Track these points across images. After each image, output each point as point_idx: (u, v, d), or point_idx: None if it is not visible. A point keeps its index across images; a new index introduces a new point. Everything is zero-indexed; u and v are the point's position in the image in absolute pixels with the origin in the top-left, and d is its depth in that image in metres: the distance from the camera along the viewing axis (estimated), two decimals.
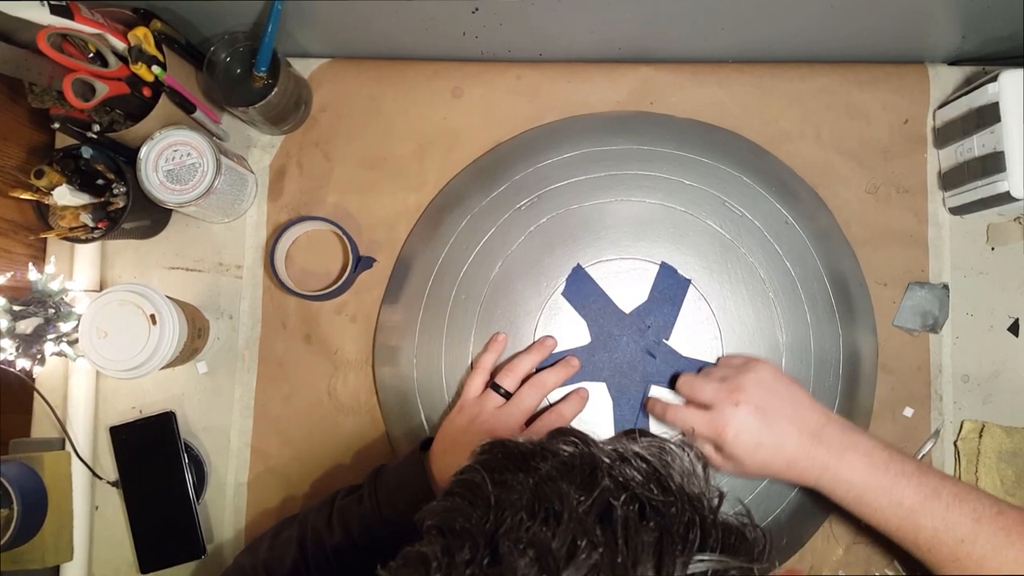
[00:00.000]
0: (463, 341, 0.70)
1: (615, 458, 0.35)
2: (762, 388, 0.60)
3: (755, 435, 0.58)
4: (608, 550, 0.30)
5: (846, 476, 0.56)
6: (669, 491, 0.33)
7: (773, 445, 0.58)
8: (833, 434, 0.58)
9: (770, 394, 0.60)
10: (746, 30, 0.69)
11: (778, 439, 0.58)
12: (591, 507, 0.32)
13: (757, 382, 0.60)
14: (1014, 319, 0.71)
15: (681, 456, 0.36)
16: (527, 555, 0.30)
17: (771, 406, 0.59)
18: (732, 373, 0.62)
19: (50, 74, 0.65)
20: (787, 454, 0.58)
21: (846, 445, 0.57)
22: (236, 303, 0.73)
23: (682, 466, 0.36)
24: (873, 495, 0.56)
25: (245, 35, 0.67)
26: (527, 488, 0.33)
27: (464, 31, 0.70)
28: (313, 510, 0.62)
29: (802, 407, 0.60)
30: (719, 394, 0.60)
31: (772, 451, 0.58)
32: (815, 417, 0.59)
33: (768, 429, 0.58)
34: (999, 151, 0.64)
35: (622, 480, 0.33)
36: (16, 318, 0.65)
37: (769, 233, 0.70)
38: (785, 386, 0.61)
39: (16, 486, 0.64)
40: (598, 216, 0.70)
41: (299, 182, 0.74)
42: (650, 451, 0.36)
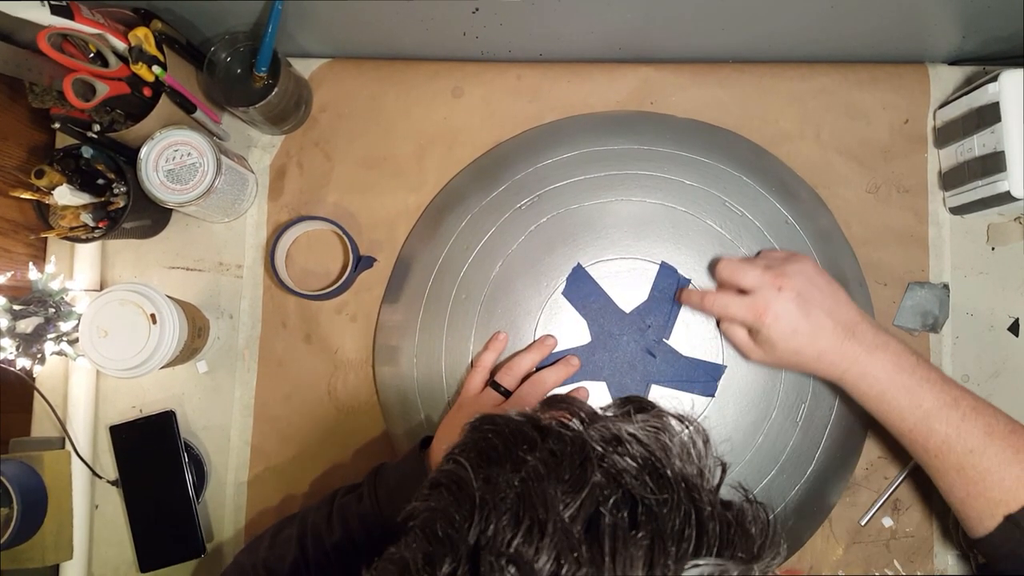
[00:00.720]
0: (463, 340, 0.70)
1: (608, 441, 0.33)
2: (805, 278, 0.61)
3: (793, 321, 0.59)
4: (593, 567, 0.29)
5: (873, 371, 0.58)
6: (664, 481, 0.32)
7: (809, 333, 0.59)
8: (866, 331, 0.59)
9: (812, 285, 0.60)
10: (746, 30, 0.69)
11: (814, 328, 0.59)
12: (578, 513, 0.30)
13: (801, 272, 0.61)
14: (1014, 319, 0.71)
15: (680, 432, 0.35)
16: (508, 572, 0.29)
17: (812, 296, 0.60)
18: (776, 262, 0.63)
19: (51, 74, 0.65)
20: (820, 344, 0.59)
21: (877, 343, 0.58)
22: (236, 302, 0.73)
23: (681, 444, 0.34)
24: (895, 393, 0.57)
25: (245, 35, 0.68)
26: (512, 489, 0.31)
27: (464, 31, 0.70)
28: (313, 509, 0.62)
29: (840, 303, 0.60)
30: (763, 278, 0.61)
31: (807, 339, 0.59)
32: (851, 314, 0.60)
33: (806, 317, 0.59)
34: (999, 151, 0.64)
35: (614, 472, 0.32)
36: (16, 317, 0.65)
37: (769, 233, 0.70)
38: (826, 281, 0.61)
39: (16, 485, 0.64)
40: (598, 216, 0.70)
41: (299, 182, 0.74)
42: (646, 431, 0.34)
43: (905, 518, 0.69)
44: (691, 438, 0.35)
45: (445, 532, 0.31)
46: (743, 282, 0.62)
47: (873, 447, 0.69)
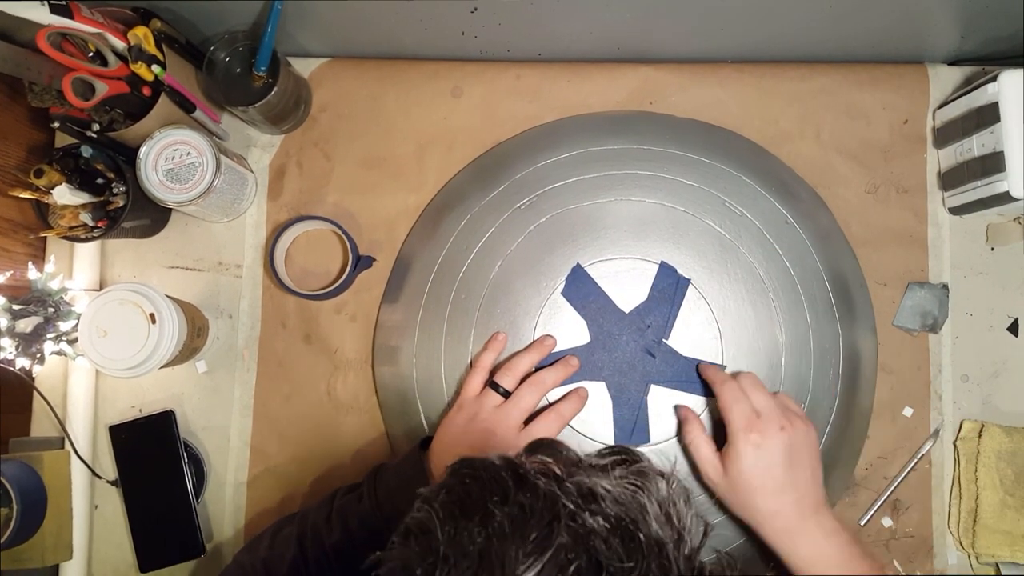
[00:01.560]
0: (463, 340, 0.70)
1: (583, 497, 0.32)
2: (804, 440, 0.61)
3: (773, 462, 0.59)
4: None
5: (830, 555, 0.57)
6: (636, 546, 0.31)
7: (778, 483, 0.59)
8: (826, 516, 0.59)
9: (806, 449, 0.60)
10: (746, 30, 0.69)
11: (787, 484, 0.59)
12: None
13: (805, 434, 0.61)
14: (1013, 319, 0.71)
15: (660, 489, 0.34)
16: None
17: (801, 457, 0.60)
18: (790, 409, 0.63)
19: (50, 73, 0.65)
20: (782, 502, 0.59)
21: (835, 529, 0.58)
22: (236, 302, 0.73)
23: (659, 501, 0.33)
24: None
25: (245, 34, 0.68)
26: (475, 546, 0.31)
27: (463, 31, 0.70)
28: (313, 508, 0.62)
29: (818, 482, 0.61)
30: (774, 411, 0.61)
31: (773, 487, 0.59)
32: (820, 495, 0.60)
33: (785, 469, 0.59)
34: (999, 151, 0.64)
35: (582, 534, 0.31)
36: (16, 317, 0.65)
37: (769, 233, 0.70)
38: (817, 457, 0.62)
39: (16, 485, 0.64)
40: (598, 215, 0.70)
41: (299, 181, 0.74)
42: (624, 489, 0.33)
43: (905, 518, 0.69)
44: (671, 498, 0.34)
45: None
46: (755, 402, 0.62)
47: (873, 447, 0.69)
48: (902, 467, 0.69)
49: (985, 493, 0.67)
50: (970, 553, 0.68)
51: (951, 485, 0.69)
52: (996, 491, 0.67)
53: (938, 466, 0.69)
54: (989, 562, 0.68)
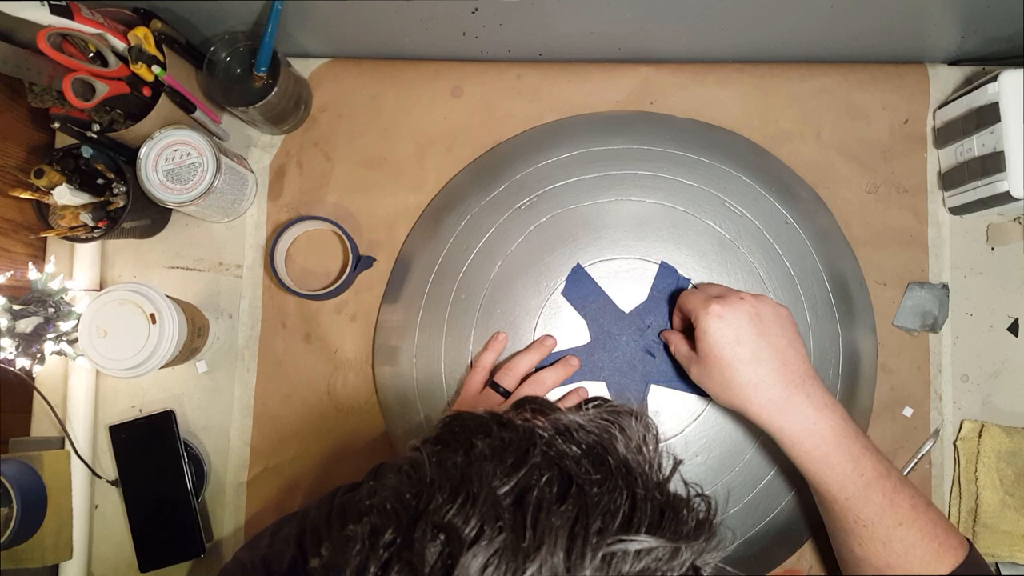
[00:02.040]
0: (463, 340, 0.70)
1: (557, 431, 0.35)
2: (774, 313, 0.59)
3: (740, 330, 0.57)
4: (513, 533, 0.30)
5: (821, 432, 0.55)
6: (604, 466, 0.34)
7: (753, 351, 0.56)
8: (817, 388, 0.57)
9: (777, 321, 0.58)
10: (746, 30, 0.69)
11: (761, 350, 0.56)
12: (511, 489, 0.32)
13: (773, 307, 0.59)
14: (1014, 319, 0.71)
15: (631, 424, 0.37)
16: (438, 539, 0.31)
17: (771, 327, 0.58)
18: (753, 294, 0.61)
19: (50, 74, 0.65)
20: (762, 372, 0.56)
21: (827, 403, 0.56)
22: (236, 302, 0.73)
23: (629, 433, 0.36)
24: (839, 458, 0.55)
25: (245, 35, 0.68)
26: (457, 468, 0.34)
27: (464, 31, 0.70)
28: (313, 507, 0.62)
29: (799, 352, 0.58)
30: (734, 292, 0.60)
31: (748, 355, 0.56)
32: (807, 367, 0.58)
33: (756, 335, 0.57)
34: (999, 151, 0.64)
35: (554, 455, 0.34)
36: (16, 317, 0.65)
37: (769, 233, 0.70)
38: (794, 330, 0.59)
39: (16, 485, 0.64)
40: (598, 216, 0.70)
41: (299, 182, 0.74)
42: (597, 422, 0.36)
43: None
44: (642, 435, 0.37)
45: (393, 507, 0.33)
46: (712, 289, 0.62)
47: None
48: (902, 467, 0.69)
49: (985, 493, 0.67)
50: None
51: (951, 485, 0.69)
52: (996, 491, 0.67)
53: (938, 466, 0.69)
54: (989, 562, 0.68)
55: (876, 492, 0.55)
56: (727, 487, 0.67)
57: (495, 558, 0.30)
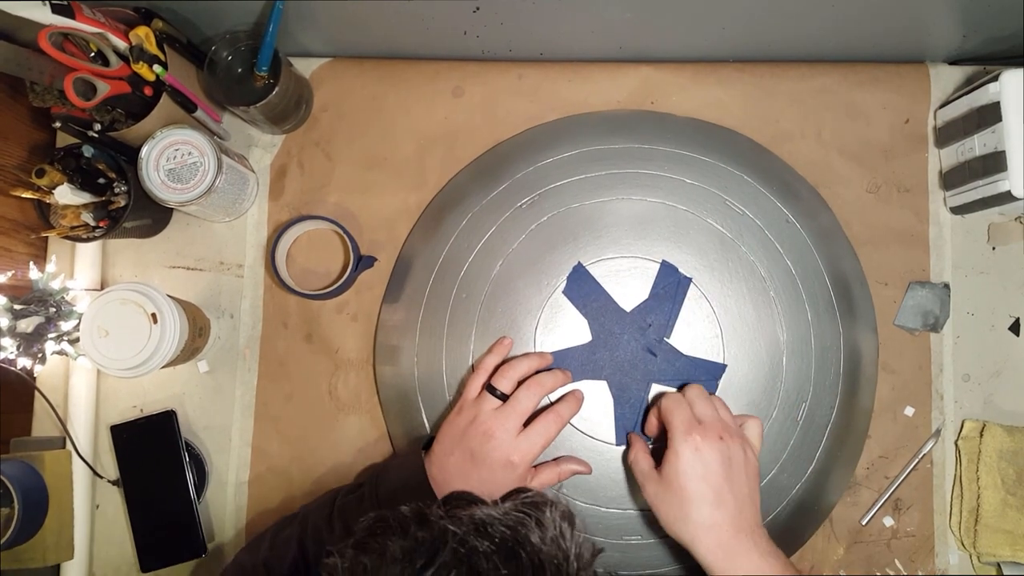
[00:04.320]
0: (464, 340, 0.70)
1: (472, 527, 0.36)
2: (744, 459, 0.59)
3: (709, 470, 0.57)
4: None
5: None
6: (515, 560, 0.35)
7: (715, 493, 0.57)
8: (763, 538, 0.57)
9: (744, 469, 0.59)
10: (747, 30, 0.69)
11: (722, 495, 0.57)
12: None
13: (745, 452, 0.60)
14: (1015, 318, 0.71)
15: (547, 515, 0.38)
16: None
17: (739, 474, 0.58)
18: (735, 427, 0.61)
19: (51, 73, 0.65)
20: (718, 515, 0.57)
21: (771, 552, 0.57)
22: (237, 302, 0.73)
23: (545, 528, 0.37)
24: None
25: (246, 34, 0.68)
26: (368, 573, 0.35)
27: (465, 30, 0.70)
28: (313, 509, 0.62)
29: (756, 503, 0.59)
30: (717, 422, 0.60)
31: (710, 495, 0.57)
32: (757, 518, 0.59)
33: (722, 480, 0.57)
34: (1000, 150, 0.64)
35: (464, 552, 0.35)
36: (17, 317, 0.65)
37: (770, 232, 0.70)
38: (756, 481, 0.60)
39: (17, 485, 0.64)
40: (599, 214, 0.70)
41: (300, 181, 0.74)
42: (513, 515, 0.37)
43: (906, 518, 0.69)
44: (559, 526, 0.38)
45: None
46: (699, 409, 0.61)
47: (874, 446, 0.69)
48: (903, 466, 0.69)
49: (987, 492, 0.67)
50: (971, 552, 0.68)
51: (952, 484, 0.69)
52: (998, 490, 0.67)
53: (939, 465, 0.69)
54: (990, 562, 0.68)
55: None
56: None
57: None
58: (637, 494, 0.67)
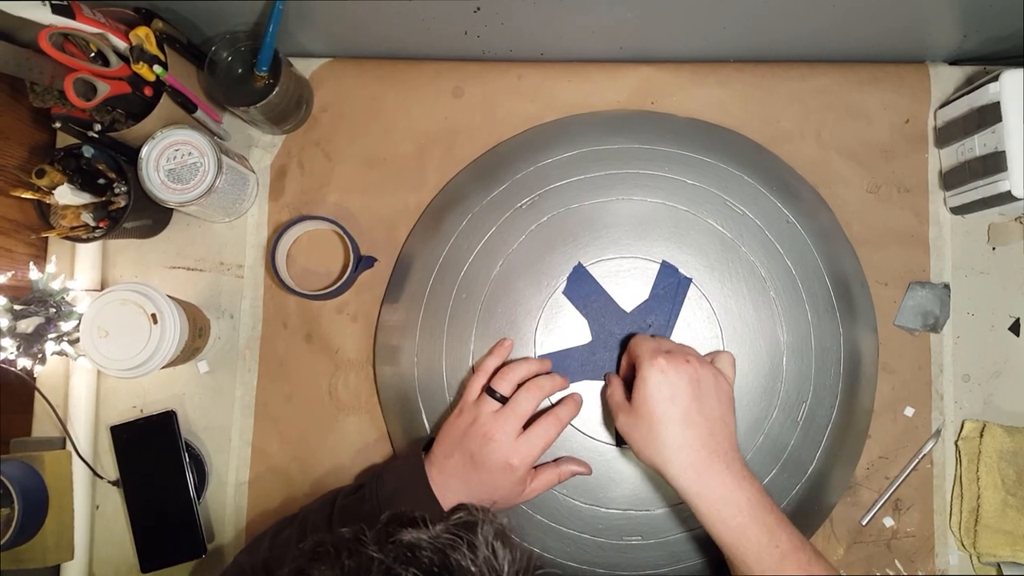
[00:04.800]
0: (464, 340, 0.70)
1: (401, 552, 0.37)
2: (714, 383, 0.59)
3: (677, 391, 0.57)
4: None
5: (737, 501, 0.55)
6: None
7: (683, 414, 0.57)
8: (738, 461, 0.57)
9: (715, 392, 0.59)
10: (747, 29, 0.69)
11: (692, 415, 0.57)
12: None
13: (714, 376, 0.59)
14: (1015, 319, 0.71)
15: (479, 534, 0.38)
16: None
17: (707, 395, 0.58)
18: (702, 357, 0.62)
19: (52, 73, 0.65)
20: (689, 435, 0.56)
21: (745, 475, 0.57)
22: (237, 302, 0.73)
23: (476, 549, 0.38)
24: (756, 529, 0.55)
25: (246, 35, 0.68)
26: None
27: (466, 31, 0.70)
28: (313, 510, 0.62)
29: (729, 427, 0.59)
30: (680, 350, 0.60)
31: (679, 416, 0.57)
32: (733, 441, 0.58)
33: (690, 400, 0.57)
34: (1000, 151, 0.64)
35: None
36: (17, 317, 0.65)
37: (770, 232, 0.70)
38: (729, 405, 0.60)
39: (17, 485, 0.64)
40: (599, 215, 0.70)
41: (300, 182, 0.74)
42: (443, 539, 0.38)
43: (906, 518, 0.69)
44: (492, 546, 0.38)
45: None
46: (666, 343, 0.61)
47: (874, 447, 0.69)
48: (903, 467, 0.69)
49: (987, 493, 0.67)
50: (971, 553, 0.68)
51: (952, 485, 0.69)
52: (998, 491, 0.67)
53: (939, 466, 0.69)
54: (990, 562, 0.68)
55: (791, 564, 0.54)
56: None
57: None
58: (638, 494, 0.67)
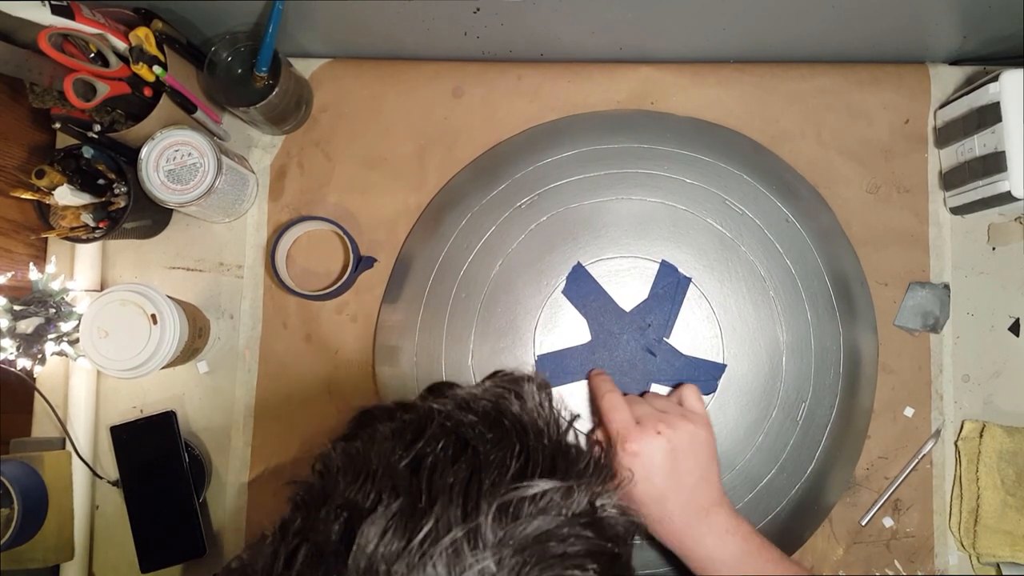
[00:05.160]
0: (463, 340, 0.70)
1: (456, 405, 0.38)
2: (690, 441, 0.59)
3: (651, 468, 0.57)
4: (409, 497, 0.32)
5: (722, 557, 0.56)
6: (499, 427, 0.37)
7: (660, 490, 0.57)
8: (720, 515, 0.57)
9: (692, 451, 0.59)
10: (747, 30, 0.69)
11: (668, 490, 0.57)
12: (409, 460, 0.35)
13: (690, 433, 0.59)
14: (1015, 319, 0.71)
15: (526, 388, 0.40)
16: (341, 516, 0.33)
17: (685, 461, 0.58)
18: (674, 412, 0.61)
19: (51, 74, 0.65)
20: (667, 509, 0.57)
21: (728, 528, 0.57)
22: (237, 303, 0.73)
23: (525, 399, 0.39)
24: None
25: (246, 35, 0.68)
26: (360, 453, 0.36)
27: (465, 31, 0.70)
28: None
29: (709, 482, 0.59)
30: (652, 417, 0.60)
31: (655, 494, 0.57)
32: (713, 495, 0.59)
33: (666, 474, 0.57)
34: (1000, 151, 0.64)
35: (451, 425, 0.37)
36: (17, 318, 0.65)
37: (770, 232, 0.70)
38: (708, 456, 0.60)
39: (17, 485, 0.64)
40: (598, 214, 0.70)
41: (300, 182, 0.74)
42: (493, 391, 0.40)
43: (906, 518, 0.69)
44: (538, 397, 0.40)
45: (303, 498, 0.35)
46: (634, 410, 0.61)
47: (874, 447, 0.69)
48: (903, 467, 0.69)
49: (986, 493, 0.67)
50: (971, 553, 0.68)
51: (952, 485, 0.69)
52: (997, 491, 0.67)
53: (939, 466, 0.69)
54: (990, 562, 0.68)
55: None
56: (729, 485, 0.67)
57: (392, 522, 0.32)
58: None
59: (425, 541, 0.31)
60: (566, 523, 0.33)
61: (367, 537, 0.31)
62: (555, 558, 0.32)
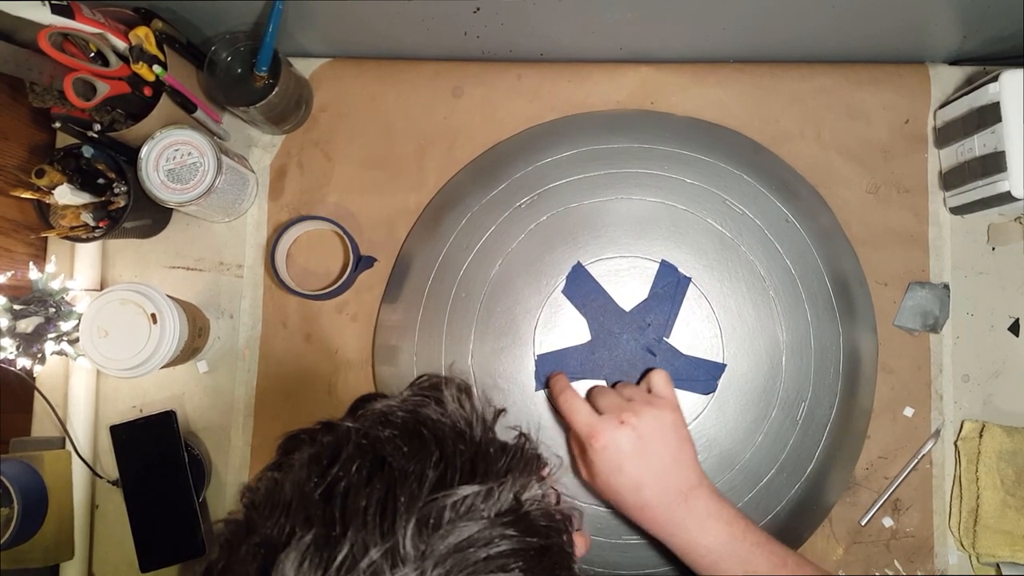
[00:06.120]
0: (463, 340, 0.70)
1: (374, 420, 0.38)
2: (656, 425, 0.59)
3: (621, 458, 0.57)
4: (324, 526, 0.32)
5: (705, 543, 0.56)
6: (418, 438, 0.36)
7: (634, 479, 0.57)
8: (699, 499, 0.57)
9: (659, 435, 0.58)
10: (747, 30, 0.69)
11: (641, 477, 0.57)
12: (324, 487, 0.34)
13: (655, 418, 0.59)
14: (1015, 319, 0.71)
15: (446, 393, 0.40)
16: (260, 553, 0.32)
17: (653, 445, 0.58)
18: (640, 398, 0.61)
19: (51, 73, 0.65)
20: (644, 496, 0.57)
21: (710, 512, 0.57)
22: (237, 302, 0.73)
23: (444, 404, 0.39)
24: (729, 564, 0.55)
25: (246, 35, 0.68)
26: (277, 486, 0.36)
27: (465, 31, 0.70)
28: None
29: (683, 464, 0.59)
30: (614, 407, 0.60)
31: (630, 484, 0.57)
32: (689, 478, 0.58)
33: (636, 461, 0.57)
34: (1000, 151, 0.64)
35: (367, 443, 0.36)
36: (17, 317, 0.65)
37: (770, 231, 0.70)
38: (678, 438, 0.59)
39: (16, 485, 0.64)
40: (598, 214, 0.70)
41: (300, 182, 0.74)
42: (411, 400, 0.40)
43: (905, 518, 0.69)
44: (458, 398, 0.40)
45: (226, 539, 0.35)
46: (597, 404, 0.61)
47: (873, 447, 0.69)
48: (903, 467, 0.69)
49: (986, 493, 0.67)
50: (971, 553, 0.68)
51: (952, 485, 0.69)
52: (997, 491, 0.67)
53: (939, 466, 0.69)
54: (990, 562, 0.68)
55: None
56: (728, 485, 0.67)
57: (307, 554, 0.31)
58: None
59: (341, 568, 0.30)
60: (489, 525, 0.33)
61: (282, 572, 0.31)
62: (478, 563, 0.32)
